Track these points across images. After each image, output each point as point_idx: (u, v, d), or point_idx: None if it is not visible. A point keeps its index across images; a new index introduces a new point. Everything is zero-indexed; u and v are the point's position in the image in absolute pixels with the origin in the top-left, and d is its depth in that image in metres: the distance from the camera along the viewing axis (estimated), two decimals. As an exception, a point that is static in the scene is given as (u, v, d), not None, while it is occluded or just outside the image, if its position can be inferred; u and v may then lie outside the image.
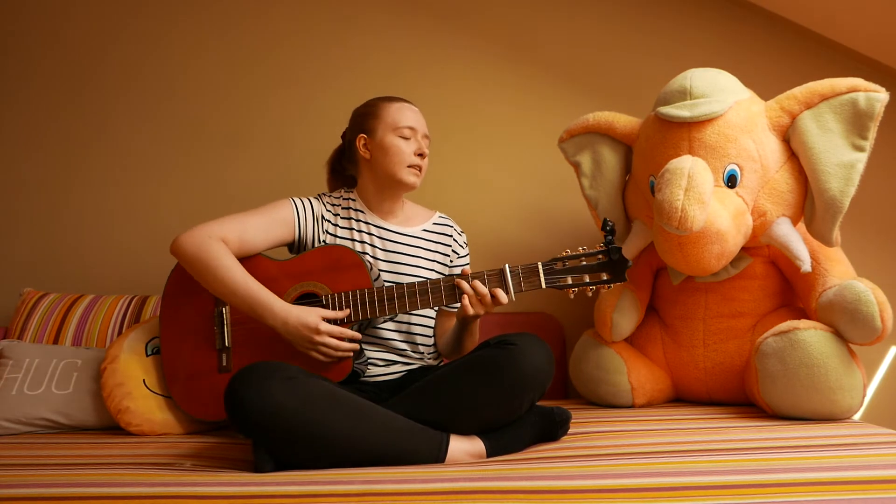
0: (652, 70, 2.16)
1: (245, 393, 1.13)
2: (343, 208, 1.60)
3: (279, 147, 2.23)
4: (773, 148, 1.56)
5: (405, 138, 1.54)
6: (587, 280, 1.35)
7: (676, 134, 1.57)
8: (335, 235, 1.56)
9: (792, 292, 1.67)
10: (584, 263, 1.36)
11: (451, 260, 1.66)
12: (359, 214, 1.59)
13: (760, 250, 1.66)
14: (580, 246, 1.53)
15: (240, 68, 2.26)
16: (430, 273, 1.59)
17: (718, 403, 1.67)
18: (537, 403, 1.32)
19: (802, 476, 0.98)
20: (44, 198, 2.24)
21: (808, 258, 1.50)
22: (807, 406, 1.40)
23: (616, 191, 1.77)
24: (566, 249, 1.39)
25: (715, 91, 1.55)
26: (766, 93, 1.65)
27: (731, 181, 1.54)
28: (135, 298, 1.93)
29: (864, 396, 1.42)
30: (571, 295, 1.38)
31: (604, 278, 1.35)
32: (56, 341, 1.85)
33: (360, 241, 1.56)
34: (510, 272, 1.37)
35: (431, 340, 1.59)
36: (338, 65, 2.25)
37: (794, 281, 1.62)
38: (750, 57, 2.14)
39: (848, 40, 2.06)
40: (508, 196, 2.19)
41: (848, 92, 1.49)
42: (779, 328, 1.44)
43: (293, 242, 1.56)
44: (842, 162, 1.47)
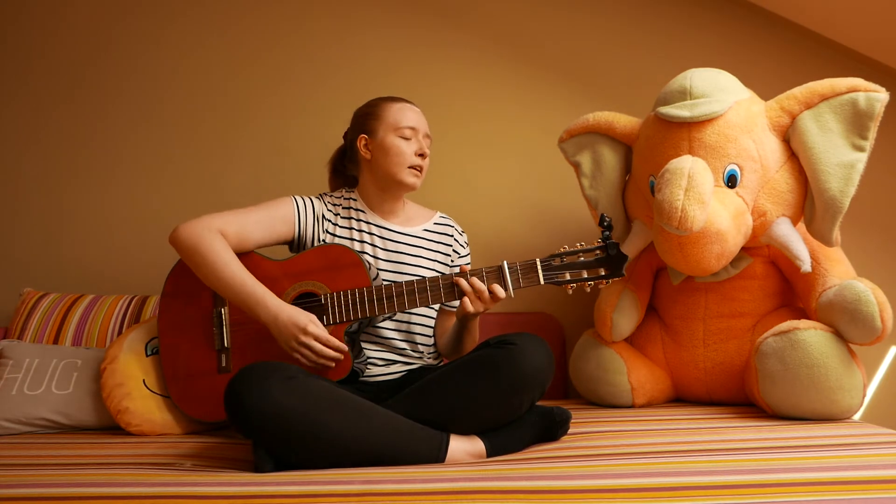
0: (652, 70, 2.15)
1: (245, 393, 1.13)
2: (344, 208, 1.60)
3: (279, 147, 2.23)
4: (773, 148, 1.56)
5: (406, 138, 1.54)
6: (585, 276, 1.36)
7: (676, 134, 1.57)
8: (335, 234, 1.56)
9: (792, 292, 1.67)
10: (582, 259, 1.36)
11: (452, 260, 1.66)
12: (359, 214, 1.59)
13: (760, 250, 1.66)
14: (578, 242, 1.53)
15: (240, 69, 2.26)
16: (431, 273, 1.59)
17: (718, 403, 1.67)
18: (537, 403, 1.32)
19: (802, 476, 0.98)
20: (44, 198, 2.24)
21: (808, 258, 1.50)
22: (807, 406, 1.40)
23: (616, 191, 1.77)
24: (564, 246, 1.39)
25: (715, 91, 1.55)
26: (766, 93, 1.65)
27: (731, 181, 1.54)
28: (135, 298, 1.93)
29: (864, 396, 1.42)
30: (569, 290, 1.38)
31: (602, 274, 1.35)
32: (56, 341, 1.84)
33: (360, 241, 1.56)
34: (508, 269, 1.37)
35: (431, 340, 1.59)
36: (337, 64, 2.25)
37: (794, 281, 1.62)
38: (750, 57, 2.14)
39: (848, 40, 2.06)
40: (508, 196, 2.19)
41: (848, 92, 1.49)
42: (779, 328, 1.44)
43: (293, 240, 1.56)
44: (842, 162, 1.47)
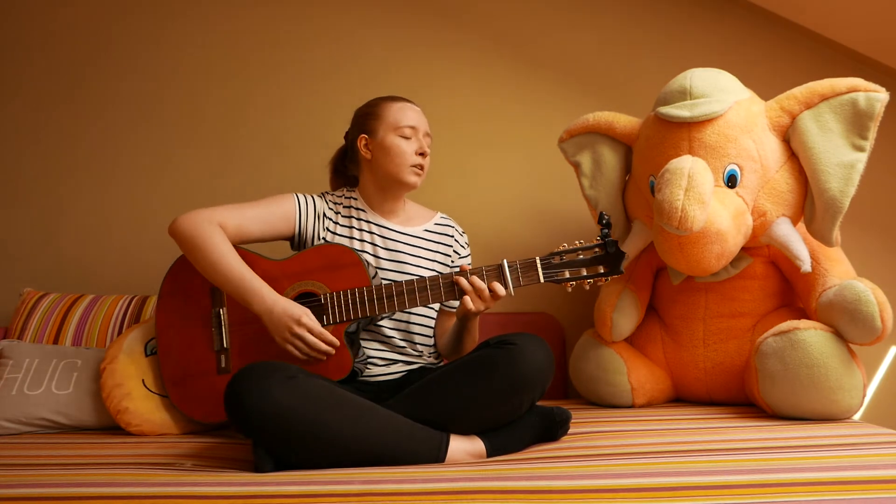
0: (652, 70, 2.15)
1: (245, 393, 1.13)
2: (344, 207, 1.60)
3: (279, 146, 2.23)
4: (773, 148, 1.56)
5: (406, 138, 1.54)
6: (584, 273, 1.36)
7: (676, 134, 1.57)
8: (335, 233, 1.56)
9: (792, 292, 1.67)
10: (582, 257, 1.37)
11: (453, 260, 1.66)
12: (360, 213, 1.59)
13: (760, 250, 1.66)
14: (577, 240, 1.53)
15: (240, 68, 2.26)
16: (431, 273, 1.59)
17: (718, 403, 1.67)
18: (537, 403, 1.32)
19: (802, 476, 0.98)
20: (43, 197, 2.24)
21: (808, 258, 1.50)
22: (807, 406, 1.40)
23: (616, 191, 1.77)
24: (563, 244, 1.40)
25: (715, 91, 1.55)
26: (766, 93, 1.65)
27: (731, 181, 1.54)
28: (135, 298, 1.93)
29: (864, 396, 1.42)
30: (569, 288, 1.39)
31: (601, 271, 1.36)
32: (56, 341, 1.84)
33: (361, 240, 1.56)
34: (508, 267, 1.37)
35: (430, 340, 1.59)
36: (337, 63, 2.25)
37: (794, 281, 1.62)
38: (750, 57, 2.14)
39: (848, 40, 2.05)
40: (508, 195, 2.19)
41: (848, 92, 1.49)
42: (779, 328, 1.44)
43: (293, 237, 1.56)
44: (842, 162, 1.47)
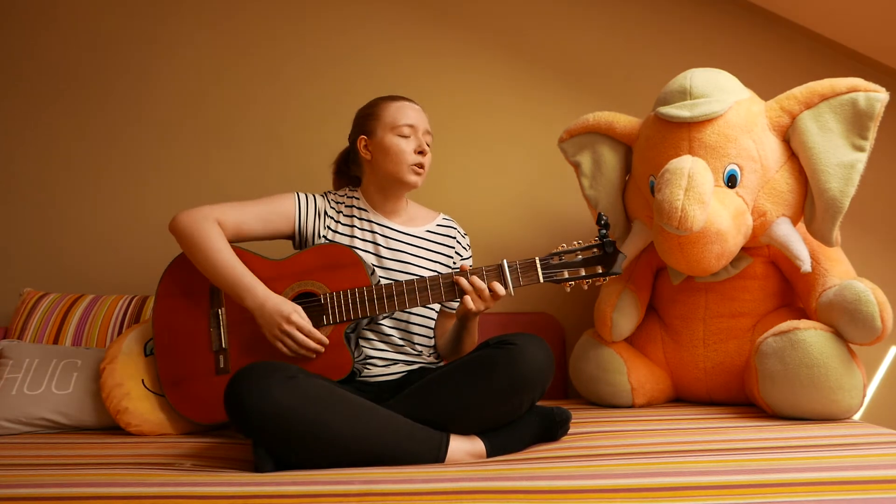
0: (652, 70, 2.15)
1: (245, 392, 1.13)
2: (346, 206, 1.60)
3: (280, 146, 2.23)
4: (773, 148, 1.56)
5: (404, 136, 1.54)
6: (583, 273, 1.38)
7: (676, 134, 1.57)
8: (336, 232, 1.56)
9: (792, 292, 1.67)
10: (580, 257, 1.38)
11: (454, 261, 1.66)
12: (362, 213, 1.59)
13: (760, 250, 1.66)
14: (576, 241, 1.54)
15: (238, 67, 2.26)
16: (433, 274, 1.58)
17: (718, 403, 1.67)
18: (537, 403, 1.32)
19: (802, 476, 0.98)
20: (44, 198, 2.24)
21: (808, 258, 1.50)
22: (807, 406, 1.40)
23: (616, 191, 1.77)
24: (562, 244, 1.40)
25: (715, 91, 1.55)
26: (766, 93, 1.65)
27: (731, 181, 1.54)
28: (135, 298, 1.93)
29: (864, 396, 1.42)
30: (568, 288, 1.40)
31: (599, 271, 1.37)
32: (56, 341, 1.84)
33: (362, 240, 1.56)
34: (508, 267, 1.38)
35: (430, 340, 1.59)
36: (336, 63, 2.25)
37: (794, 281, 1.62)
38: (750, 57, 2.14)
39: (848, 40, 2.05)
40: (508, 195, 2.19)
41: (848, 92, 1.49)
42: (779, 328, 1.44)
43: (293, 236, 1.56)
44: (842, 162, 1.47)
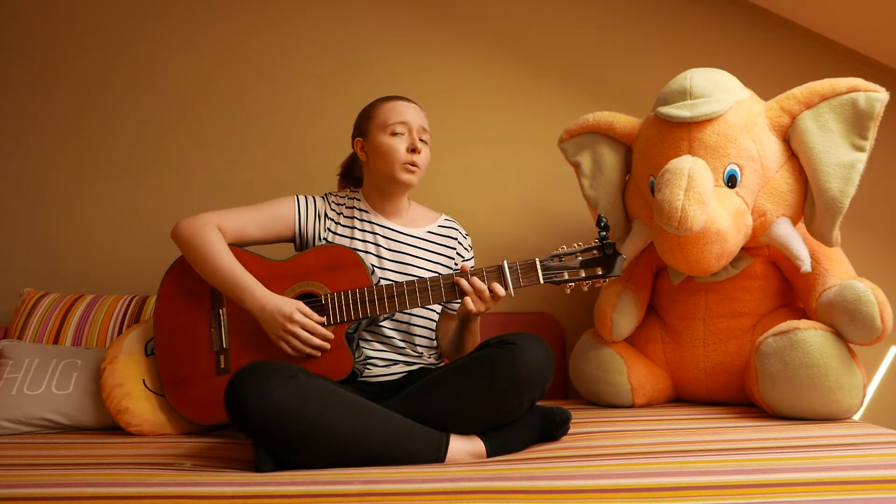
0: (652, 70, 2.15)
1: (245, 392, 1.13)
2: (347, 207, 1.60)
3: (281, 146, 2.23)
4: (773, 148, 1.56)
5: (398, 134, 1.53)
6: (583, 275, 1.38)
7: (676, 134, 1.57)
8: (336, 233, 1.56)
9: (792, 292, 1.67)
10: (580, 259, 1.39)
11: (456, 262, 1.66)
12: (363, 214, 1.59)
13: (760, 250, 1.66)
14: (576, 242, 1.54)
15: (242, 70, 2.26)
16: (434, 275, 1.58)
17: (718, 403, 1.67)
18: (537, 403, 1.32)
19: (802, 476, 0.98)
20: (44, 198, 2.24)
21: (808, 258, 1.50)
22: (807, 406, 1.40)
23: (616, 191, 1.77)
24: (562, 245, 1.41)
25: (715, 91, 1.55)
26: (766, 93, 1.65)
27: (731, 181, 1.54)
28: (135, 298, 1.93)
29: (864, 396, 1.42)
30: (567, 290, 1.41)
31: (599, 273, 1.38)
32: (56, 341, 1.84)
33: (363, 241, 1.56)
34: (508, 268, 1.38)
35: (430, 341, 1.59)
36: (337, 63, 2.25)
37: (794, 281, 1.62)
38: (750, 57, 2.14)
39: (848, 40, 2.05)
40: (508, 195, 2.19)
41: (848, 92, 1.49)
42: (779, 328, 1.44)
43: (294, 239, 1.56)
44: (842, 162, 1.47)
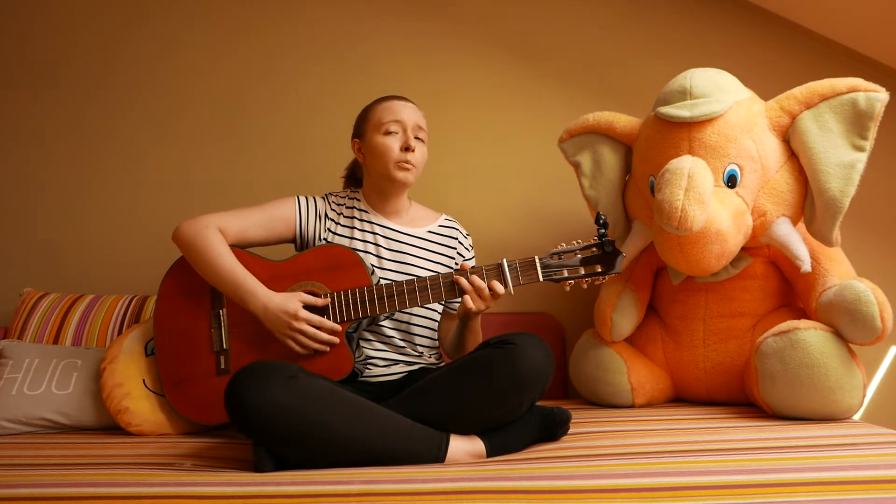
0: (652, 70, 2.15)
1: (245, 392, 1.13)
2: (347, 207, 1.60)
3: (281, 147, 2.23)
4: (773, 148, 1.56)
5: (392, 133, 1.53)
6: (582, 272, 1.38)
7: (676, 134, 1.57)
8: (336, 233, 1.56)
9: (792, 292, 1.67)
10: (580, 256, 1.39)
11: (457, 262, 1.66)
12: (363, 214, 1.60)
13: (760, 250, 1.66)
14: (575, 240, 1.55)
15: (242, 70, 2.26)
16: (434, 274, 1.59)
17: (718, 403, 1.67)
18: (537, 403, 1.32)
19: (802, 476, 0.98)
20: (44, 198, 2.24)
21: (808, 258, 1.50)
22: (807, 406, 1.40)
23: (616, 191, 1.77)
24: (561, 243, 1.41)
25: (715, 91, 1.55)
26: (766, 93, 1.65)
27: (731, 181, 1.54)
28: (135, 298, 1.93)
29: (864, 396, 1.42)
30: (567, 287, 1.41)
31: (598, 270, 1.38)
32: (56, 341, 1.84)
33: (363, 241, 1.56)
34: (508, 266, 1.38)
35: (431, 341, 1.59)
36: (337, 63, 2.25)
37: (794, 281, 1.62)
38: (750, 57, 2.14)
39: (848, 40, 2.05)
40: (508, 195, 2.19)
41: (848, 92, 1.49)
42: (779, 328, 1.44)
43: (295, 240, 1.56)
44: (842, 162, 1.47)
